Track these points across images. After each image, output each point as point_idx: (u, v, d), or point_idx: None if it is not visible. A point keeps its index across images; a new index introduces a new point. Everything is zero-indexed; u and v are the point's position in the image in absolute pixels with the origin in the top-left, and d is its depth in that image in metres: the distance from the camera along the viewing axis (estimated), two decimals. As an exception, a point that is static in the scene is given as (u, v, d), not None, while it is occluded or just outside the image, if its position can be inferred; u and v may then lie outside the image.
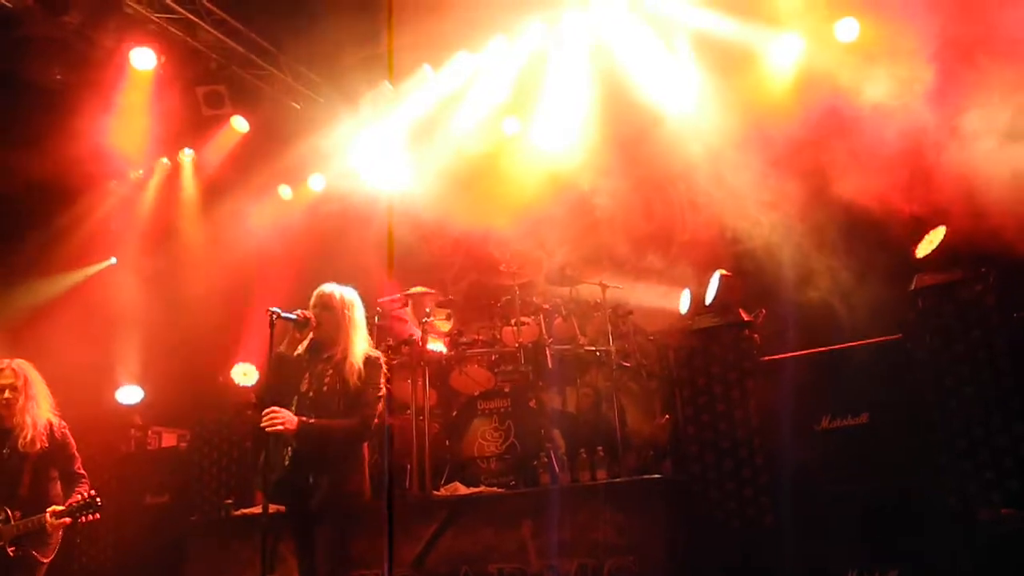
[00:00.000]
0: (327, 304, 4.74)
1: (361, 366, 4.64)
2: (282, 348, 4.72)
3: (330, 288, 4.82)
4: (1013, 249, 5.33)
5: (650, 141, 8.39)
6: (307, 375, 4.68)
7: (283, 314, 4.59)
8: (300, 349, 4.71)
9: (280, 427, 4.35)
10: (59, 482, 5.36)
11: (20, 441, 5.17)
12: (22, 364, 5.36)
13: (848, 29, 7.45)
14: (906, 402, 5.27)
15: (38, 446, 5.21)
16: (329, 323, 4.70)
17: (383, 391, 4.74)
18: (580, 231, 8.97)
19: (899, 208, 5.96)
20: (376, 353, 4.81)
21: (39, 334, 8.19)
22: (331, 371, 4.63)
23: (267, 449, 4.54)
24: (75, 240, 9.01)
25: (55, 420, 5.36)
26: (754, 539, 5.44)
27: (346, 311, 4.75)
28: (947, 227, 5.45)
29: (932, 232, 5.49)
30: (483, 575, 5.89)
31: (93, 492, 5.27)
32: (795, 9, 7.66)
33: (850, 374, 5.52)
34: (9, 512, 5.14)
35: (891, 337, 5.48)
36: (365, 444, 4.75)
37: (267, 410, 4.41)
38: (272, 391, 4.67)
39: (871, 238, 6.56)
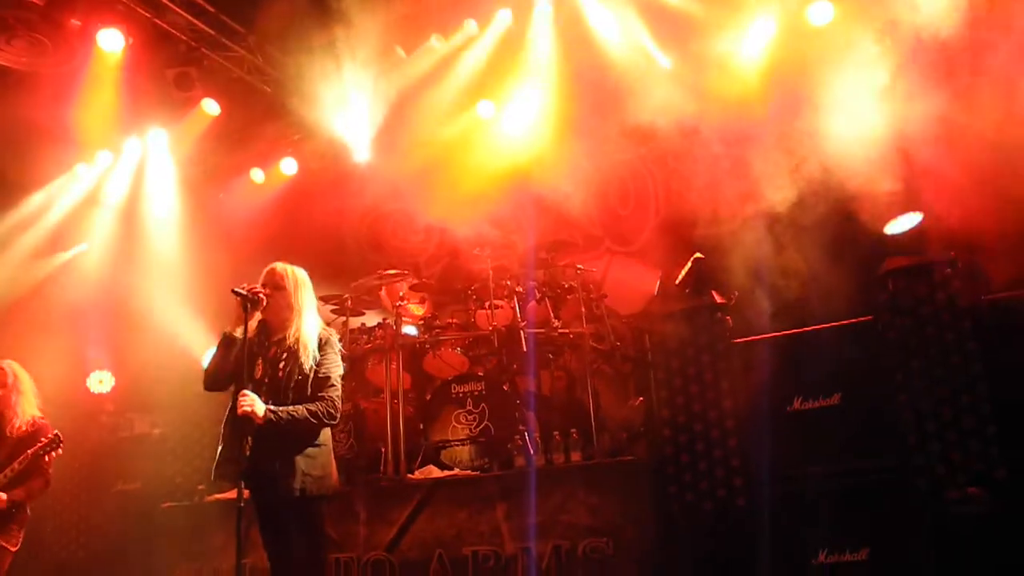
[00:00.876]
0: (278, 283, 4.55)
1: (315, 347, 4.49)
2: (228, 329, 4.52)
3: (281, 267, 4.63)
4: (982, 233, 5.39)
5: (625, 125, 8.39)
6: (260, 360, 4.50)
7: (235, 289, 4.42)
8: (249, 331, 4.47)
9: (248, 410, 4.21)
10: None
11: (7, 429, 5.47)
12: (12, 364, 5.69)
13: (821, 13, 7.47)
14: (876, 383, 5.31)
15: (24, 430, 5.49)
16: (280, 303, 4.52)
17: (343, 370, 4.61)
18: (553, 214, 8.96)
19: (872, 191, 5.99)
20: (330, 331, 4.66)
21: (9, 320, 8.12)
22: (285, 355, 4.46)
23: (225, 437, 4.43)
24: (44, 226, 8.88)
25: (38, 415, 5.63)
26: (726, 520, 5.49)
27: (298, 290, 4.57)
28: (920, 211, 5.50)
29: (907, 215, 5.52)
30: (457, 558, 5.92)
31: (56, 432, 5.42)
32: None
33: (821, 356, 5.54)
34: None
35: (861, 319, 5.52)
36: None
37: (241, 393, 4.26)
38: (220, 374, 4.52)
39: (844, 220, 6.60)
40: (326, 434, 4.59)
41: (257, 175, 9.89)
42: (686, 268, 6.30)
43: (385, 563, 6.10)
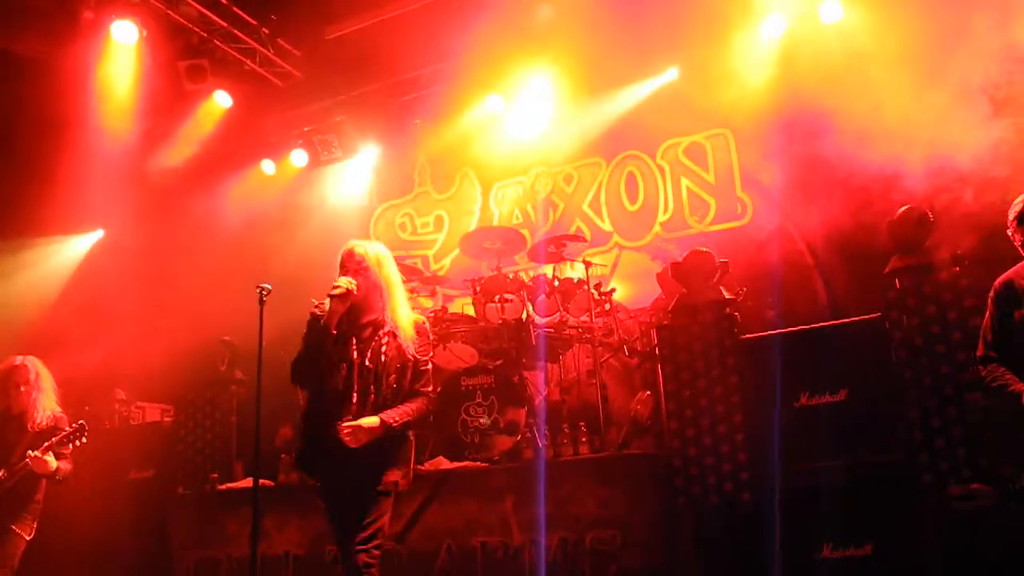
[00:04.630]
0: (360, 265, 4.29)
1: (414, 334, 4.30)
2: (317, 311, 4.28)
3: (359, 247, 4.36)
4: (987, 231, 5.43)
5: (635, 121, 8.44)
6: (353, 341, 4.24)
7: (332, 293, 4.17)
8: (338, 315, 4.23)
9: (367, 440, 4.03)
10: None
11: (28, 425, 5.57)
12: (33, 360, 5.79)
13: (832, 10, 7.49)
14: (883, 380, 5.36)
15: (44, 425, 5.58)
16: (365, 286, 4.26)
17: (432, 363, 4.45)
18: (564, 210, 9.03)
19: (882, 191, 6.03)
20: (421, 318, 4.49)
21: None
22: (386, 339, 4.24)
23: (306, 427, 4.29)
24: (60, 212, 8.93)
25: (58, 410, 5.74)
26: (732, 514, 5.54)
27: (382, 267, 4.33)
28: (925, 207, 5.54)
29: (918, 214, 5.54)
30: (466, 548, 5.98)
31: (81, 422, 5.53)
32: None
33: (829, 352, 5.60)
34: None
35: (870, 316, 5.57)
36: None
37: (346, 426, 4.05)
38: (312, 357, 4.26)
39: (855, 220, 6.64)
40: None
41: (268, 167, 9.95)
42: (691, 261, 6.31)
43: (394, 554, 6.16)
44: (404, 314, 4.33)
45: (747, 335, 5.91)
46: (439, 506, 6.18)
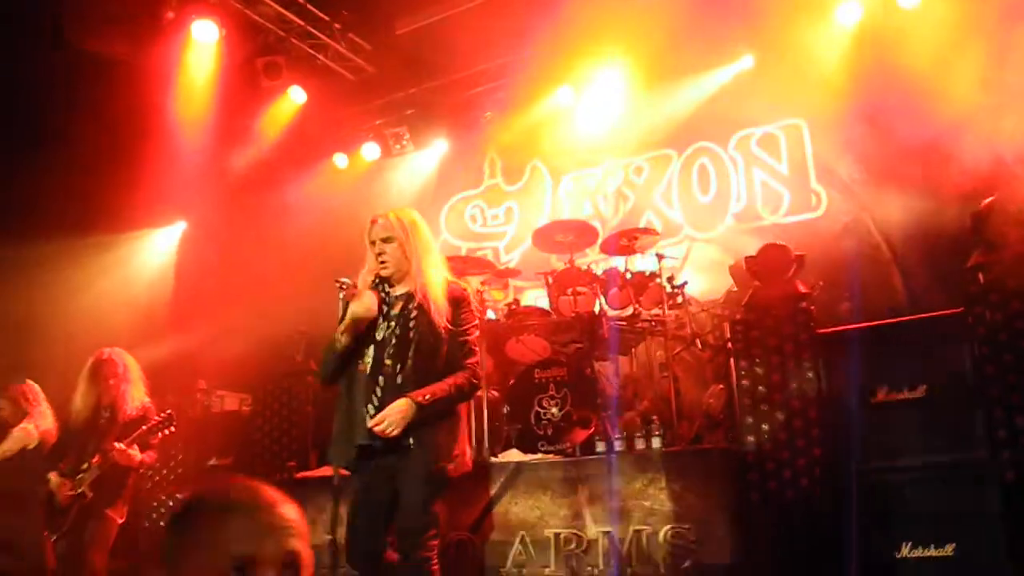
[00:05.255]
0: (387, 236, 4.05)
1: (446, 304, 4.00)
2: (344, 294, 4.05)
3: (383, 218, 4.11)
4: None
5: (707, 112, 8.37)
6: (380, 318, 4.02)
7: (377, 284, 4.00)
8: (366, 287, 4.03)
9: (402, 425, 3.77)
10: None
11: (118, 415, 5.78)
12: (121, 353, 6.02)
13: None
14: (964, 376, 5.26)
15: (133, 416, 5.81)
16: (393, 257, 4.04)
17: (477, 332, 4.13)
18: (635, 202, 9.01)
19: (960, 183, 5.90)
20: (462, 286, 4.19)
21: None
22: (415, 312, 3.97)
23: (342, 416, 4.08)
24: (144, 207, 9.20)
25: (146, 400, 5.97)
26: (808, 510, 5.50)
27: (411, 236, 4.07)
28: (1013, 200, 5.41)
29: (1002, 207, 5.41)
30: (540, 539, 6.03)
31: (169, 411, 5.77)
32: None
33: (909, 347, 5.50)
34: (90, 462, 5.61)
35: (952, 311, 5.46)
36: None
37: (374, 423, 3.82)
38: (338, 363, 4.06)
39: (934, 213, 6.51)
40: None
41: (340, 160, 10.12)
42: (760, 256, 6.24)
43: (468, 543, 6.25)
44: (435, 282, 4.03)
45: (823, 329, 5.83)
46: (512, 497, 6.24)
